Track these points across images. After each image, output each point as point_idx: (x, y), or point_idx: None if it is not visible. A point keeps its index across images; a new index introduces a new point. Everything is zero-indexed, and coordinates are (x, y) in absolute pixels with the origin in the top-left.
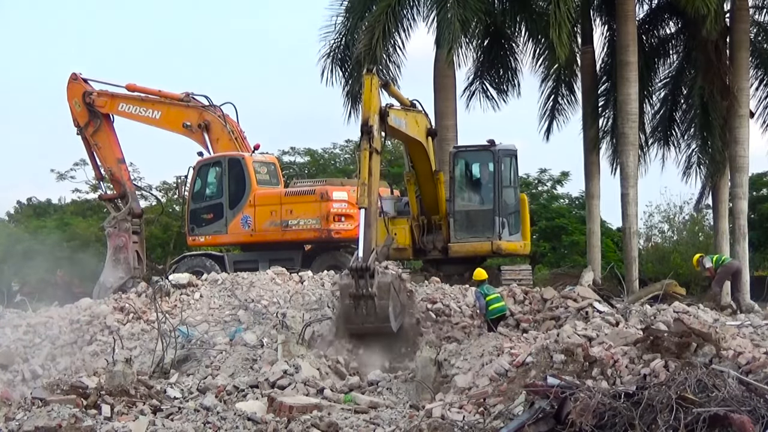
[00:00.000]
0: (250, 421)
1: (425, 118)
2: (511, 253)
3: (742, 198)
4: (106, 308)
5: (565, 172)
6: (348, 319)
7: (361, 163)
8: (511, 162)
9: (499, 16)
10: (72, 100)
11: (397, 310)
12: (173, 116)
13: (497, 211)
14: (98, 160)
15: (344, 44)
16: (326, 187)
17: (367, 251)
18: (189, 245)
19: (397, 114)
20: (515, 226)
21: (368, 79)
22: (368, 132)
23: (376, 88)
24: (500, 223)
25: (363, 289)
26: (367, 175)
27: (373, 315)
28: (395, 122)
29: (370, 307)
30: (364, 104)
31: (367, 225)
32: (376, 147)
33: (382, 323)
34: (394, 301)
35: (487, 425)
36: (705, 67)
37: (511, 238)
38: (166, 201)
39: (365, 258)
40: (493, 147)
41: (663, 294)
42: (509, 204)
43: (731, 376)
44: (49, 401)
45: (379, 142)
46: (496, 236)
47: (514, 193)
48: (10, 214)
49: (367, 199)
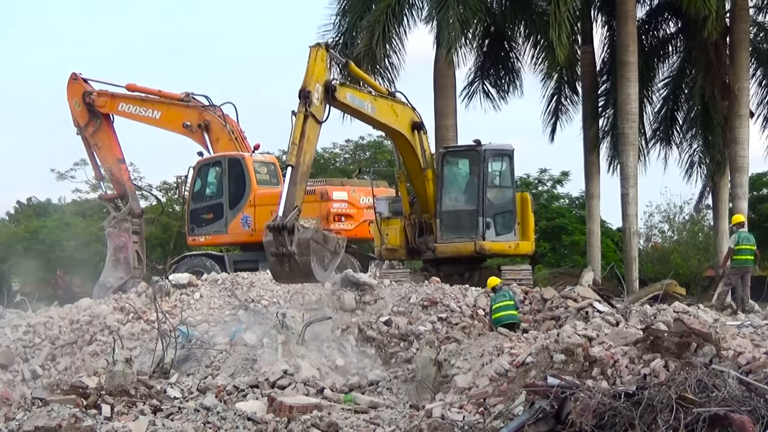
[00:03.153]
0: (250, 421)
1: (410, 111)
2: (497, 254)
3: (742, 198)
4: (106, 308)
5: (565, 172)
6: (276, 274)
7: (294, 125)
8: (504, 162)
9: (499, 17)
10: (72, 100)
11: (325, 263)
12: (173, 116)
13: (481, 212)
14: (98, 160)
15: (343, 43)
16: (326, 187)
17: (288, 209)
18: (189, 245)
19: (356, 93)
20: (505, 226)
21: (315, 50)
22: (305, 97)
23: (321, 60)
24: (484, 224)
25: (282, 247)
26: (299, 136)
27: (296, 271)
28: (352, 101)
29: (293, 264)
30: (306, 73)
31: (292, 183)
32: (313, 112)
33: (307, 278)
34: (318, 255)
35: (487, 425)
36: (705, 67)
37: (499, 239)
38: (166, 201)
39: (284, 216)
40: (479, 147)
41: (663, 294)
42: (496, 204)
43: (731, 376)
44: (49, 401)
45: (319, 110)
46: (479, 237)
47: (504, 192)
48: (10, 214)
49: (295, 158)
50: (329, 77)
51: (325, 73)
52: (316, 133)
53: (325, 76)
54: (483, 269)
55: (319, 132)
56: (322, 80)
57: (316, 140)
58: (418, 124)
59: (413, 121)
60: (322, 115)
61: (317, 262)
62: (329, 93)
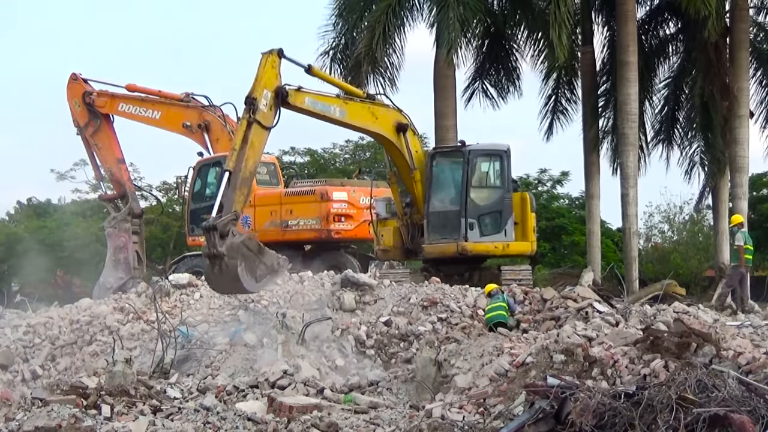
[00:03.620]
0: (250, 421)
1: (394, 114)
2: (482, 255)
3: (742, 198)
4: (106, 308)
5: (565, 172)
6: (208, 278)
7: (237, 131)
8: (493, 162)
9: (499, 17)
10: (72, 101)
11: (257, 274)
12: (173, 116)
13: (463, 213)
14: (98, 160)
15: (343, 43)
16: (326, 187)
17: (226, 211)
18: (189, 245)
19: (318, 98)
20: (492, 227)
21: (265, 57)
22: (250, 104)
23: (272, 67)
24: (466, 225)
25: (213, 248)
26: (240, 142)
27: (226, 275)
28: (312, 105)
29: (222, 267)
30: (254, 79)
31: (231, 187)
32: (258, 119)
33: (234, 283)
34: (249, 262)
35: (487, 425)
36: (705, 67)
37: (483, 240)
38: (166, 201)
39: (216, 217)
40: (464, 148)
41: (663, 294)
42: (481, 205)
43: (731, 376)
44: (49, 401)
45: (267, 116)
46: (461, 238)
47: (492, 193)
48: (10, 214)
49: (233, 164)
50: (280, 83)
51: (276, 79)
52: (262, 138)
53: (275, 82)
54: (483, 269)
55: (265, 137)
56: (272, 86)
57: (261, 146)
58: (404, 126)
59: (398, 123)
60: (270, 120)
61: (246, 269)
62: (279, 98)
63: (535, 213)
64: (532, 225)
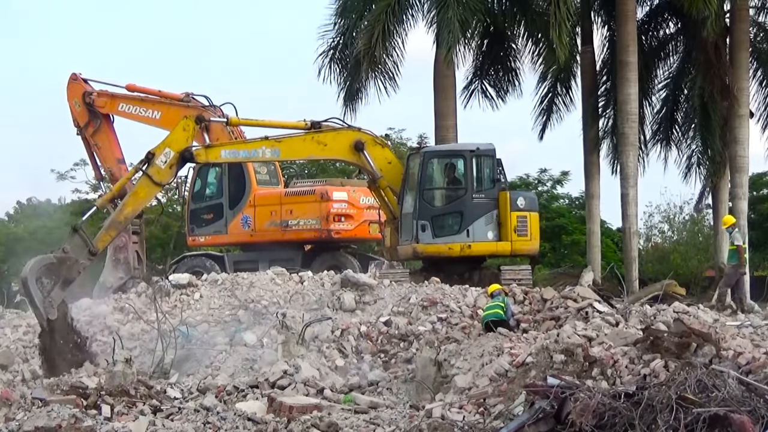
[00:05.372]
0: (250, 422)
1: (347, 135)
2: (433, 256)
3: (742, 198)
4: (106, 308)
5: (565, 172)
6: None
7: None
8: (457, 163)
9: (498, 16)
10: (72, 100)
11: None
12: (173, 116)
13: (416, 215)
14: (98, 160)
15: (343, 43)
16: (326, 187)
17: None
18: (189, 245)
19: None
20: (448, 228)
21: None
22: (147, 158)
23: (183, 131)
24: (418, 227)
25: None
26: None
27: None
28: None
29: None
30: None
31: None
32: (150, 173)
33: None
34: (36, 293)
35: (487, 425)
36: (705, 67)
37: (436, 241)
38: (166, 201)
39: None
40: (420, 149)
41: (663, 294)
42: (435, 206)
43: (731, 376)
44: (49, 401)
45: (161, 173)
46: (413, 240)
47: (450, 193)
48: (10, 214)
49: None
50: (189, 146)
51: (186, 142)
52: (150, 192)
53: (183, 144)
54: (483, 269)
55: (154, 192)
56: (176, 148)
57: (147, 199)
58: (361, 144)
59: (356, 142)
60: (163, 178)
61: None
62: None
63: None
64: (510, 224)
